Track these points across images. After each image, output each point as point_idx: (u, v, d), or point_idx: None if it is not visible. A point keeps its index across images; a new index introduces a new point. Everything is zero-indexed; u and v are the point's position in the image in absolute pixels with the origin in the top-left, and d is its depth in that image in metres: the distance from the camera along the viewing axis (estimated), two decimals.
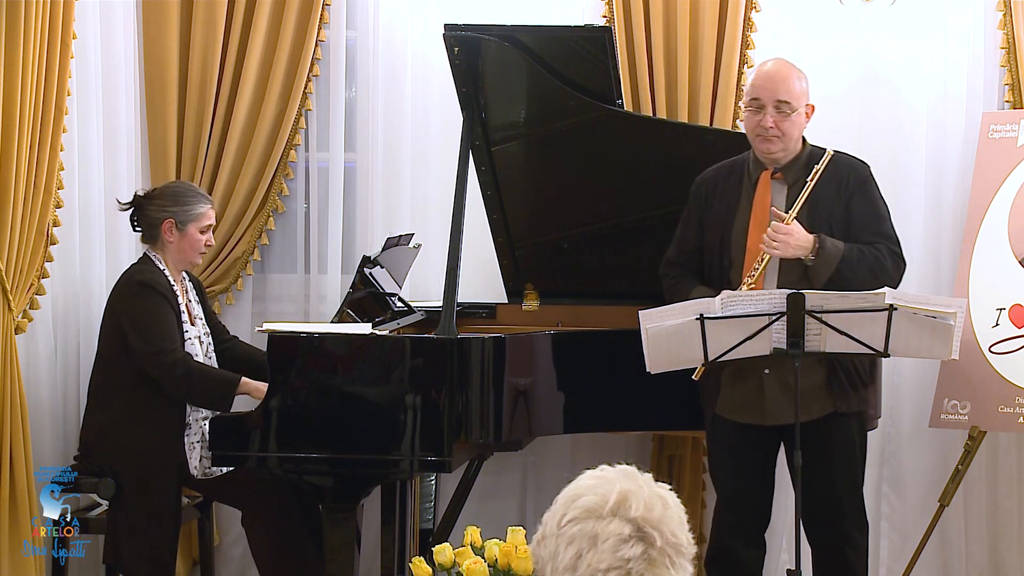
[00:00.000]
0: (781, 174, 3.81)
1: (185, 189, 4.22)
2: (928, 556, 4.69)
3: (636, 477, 1.78)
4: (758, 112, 3.75)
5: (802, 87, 3.80)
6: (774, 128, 3.74)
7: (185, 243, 4.12)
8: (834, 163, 3.79)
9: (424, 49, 4.85)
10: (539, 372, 3.96)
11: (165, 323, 4.02)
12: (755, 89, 3.78)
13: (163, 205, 4.12)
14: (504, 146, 4.45)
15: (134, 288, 4.04)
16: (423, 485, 4.62)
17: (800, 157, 3.81)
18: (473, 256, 4.48)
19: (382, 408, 3.76)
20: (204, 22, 4.74)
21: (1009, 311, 4.38)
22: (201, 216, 4.15)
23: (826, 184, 3.76)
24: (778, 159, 3.79)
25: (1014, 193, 4.48)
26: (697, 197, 3.93)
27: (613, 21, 4.71)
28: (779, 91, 3.74)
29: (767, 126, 3.74)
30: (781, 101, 3.74)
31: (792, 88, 3.76)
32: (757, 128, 3.77)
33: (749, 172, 3.85)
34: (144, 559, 3.99)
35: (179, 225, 4.11)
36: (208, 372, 4.08)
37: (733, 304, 3.50)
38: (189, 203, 4.13)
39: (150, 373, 3.98)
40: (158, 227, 4.11)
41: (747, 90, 3.85)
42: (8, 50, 4.00)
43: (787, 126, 3.75)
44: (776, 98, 3.74)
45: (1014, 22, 4.69)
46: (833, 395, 3.73)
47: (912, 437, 4.85)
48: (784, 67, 3.82)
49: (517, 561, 3.62)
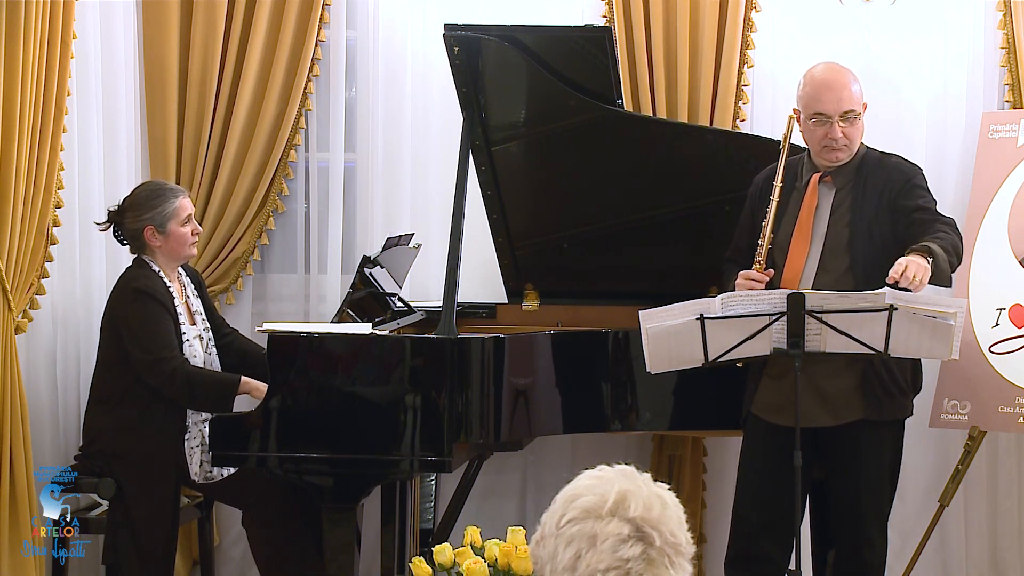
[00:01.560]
0: (831, 178, 3.78)
1: (152, 191, 4.15)
2: (928, 556, 4.69)
3: (635, 477, 1.78)
4: (824, 124, 3.70)
5: (859, 89, 3.75)
6: (844, 138, 3.71)
7: (172, 242, 4.10)
8: (884, 166, 3.77)
9: (424, 49, 4.85)
10: (539, 372, 3.96)
11: (162, 331, 4.00)
12: (818, 103, 3.70)
13: (138, 215, 4.08)
14: (504, 146, 4.45)
15: (130, 295, 4.03)
16: (423, 485, 4.62)
17: (853, 160, 3.77)
18: (473, 256, 4.48)
19: (382, 408, 3.76)
20: (204, 22, 4.73)
21: (1009, 311, 4.38)
22: (177, 211, 4.10)
23: (872, 187, 3.73)
24: (843, 162, 3.76)
25: (1014, 193, 4.48)
26: (753, 196, 3.92)
27: (613, 21, 4.71)
28: (844, 102, 3.69)
29: (837, 137, 3.69)
30: (848, 111, 3.70)
31: (854, 95, 3.72)
32: (825, 140, 3.71)
33: (801, 175, 3.82)
34: (142, 559, 3.98)
35: (159, 229, 4.08)
36: (208, 376, 4.07)
37: (733, 304, 3.49)
38: (159, 204, 4.08)
39: (150, 382, 3.98)
40: (141, 237, 4.09)
41: (805, 102, 3.74)
42: (8, 50, 4.00)
43: (853, 132, 3.73)
44: (842, 110, 3.69)
45: (1014, 22, 4.69)
46: (864, 401, 3.67)
47: (912, 437, 4.82)
48: (841, 74, 3.75)
49: (517, 561, 3.62)
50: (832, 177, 3.78)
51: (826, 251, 3.74)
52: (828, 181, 3.78)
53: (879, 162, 3.79)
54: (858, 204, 3.73)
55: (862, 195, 3.73)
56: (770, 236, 3.71)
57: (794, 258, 3.73)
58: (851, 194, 3.75)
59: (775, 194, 3.73)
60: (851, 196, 3.74)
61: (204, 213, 4.76)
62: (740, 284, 3.70)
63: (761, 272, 3.70)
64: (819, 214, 3.77)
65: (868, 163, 3.78)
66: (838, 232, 3.74)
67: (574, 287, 4.64)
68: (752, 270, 3.71)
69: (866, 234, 3.71)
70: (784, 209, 3.77)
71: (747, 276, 3.71)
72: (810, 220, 3.75)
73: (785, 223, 3.77)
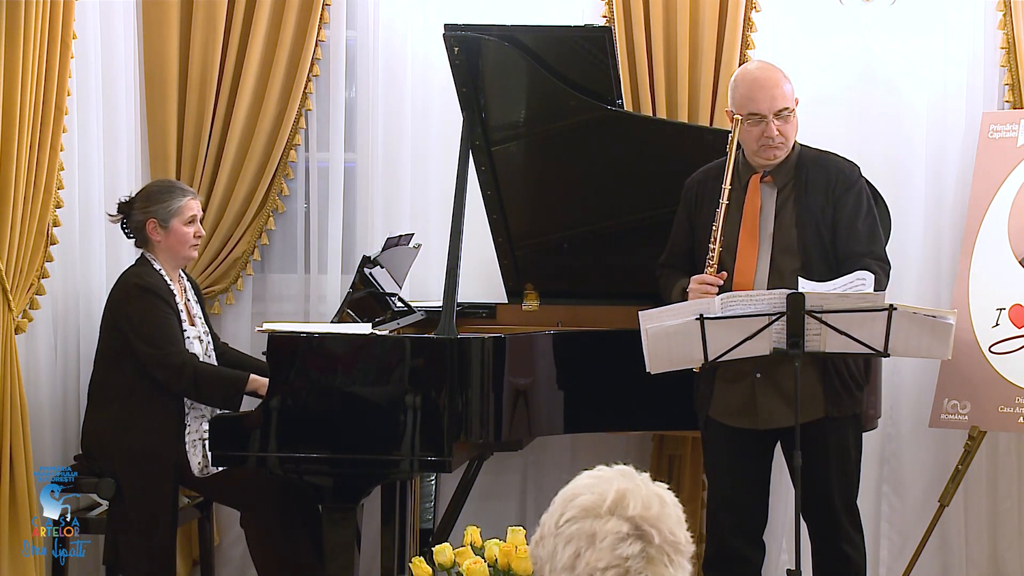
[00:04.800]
0: (771, 177, 3.79)
1: (162, 186, 4.21)
2: (928, 556, 4.69)
3: (634, 476, 1.78)
4: (759, 123, 3.71)
5: (791, 85, 3.77)
6: (779, 136, 3.73)
7: (173, 239, 4.11)
8: (823, 164, 3.79)
9: (424, 49, 4.85)
10: (539, 372, 3.96)
11: (168, 325, 4.02)
12: (751, 103, 3.72)
13: (143, 207, 4.11)
14: (504, 146, 4.45)
15: (133, 292, 4.04)
16: (423, 485, 4.62)
17: (789, 159, 3.80)
18: (473, 256, 4.48)
19: (382, 408, 3.76)
20: (204, 22, 4.73)
21: (1009, 311, 4.38)
22: (182, 209, 4.12)
23: (814, 186, 3.75)
24: (780, 161, 3.78)
25: (1014, 193, 4.48)
26: (687, 200, 3.92)
27: (613, 21, 4.71)
28: (777, 100, 3.71)
29: (773, 135, 3.71)
30: (782, 109, 3.72)
31: (786, 92, 3.74)
32: (762, 139, 3.72)
33: (739, 176, 3.81)
34: (143, 559, 3.99)
35: (162, 223, 4.10)
36: (216, 372, 4.09)
37: (733, 304, 3.50)
38: (166, 199, 4.11)
39: (156, 376, 3.98)
40: (143, 230, 4.11)
41: (738, 102, 3.75)
42: (8, 50, 4.00)
43: (788, 129, 3.74)
44: (776, 108, 3.70)
45: (1014, 22, 4.69)
46: (826, 399, 3.71)
47: (912, 437, 4.85)
48: (771, 72, 3.77)
49: (517, 561, 3.62)
50: (772, 176, 3.79)
51: (776, 251, 3.75)
52: (769, 181, 3.79)
53: (817, 160, 3.80)
54: (803, 203, 3.74)
55: (805, 194, 3.75)
56: (720, 239, 3.71)
57: (744, 260, 3.74)
58: (794, 192, 3.76)
59: (724, 196, 3.71)
60: (794, 195, 3.76)
61: (204, 213, 4.75)
62: (694, 289, 3.69)
63: (715, 275, 3.69)
64: (764, 214, 3.77)
65: (806, 161, 3.79)
66: (786, 232, 3.75)
67: (574, 287, 4.64)
68: (705, 274, 3.70)
69: (814, 233, 3.72)
70: (727, 211, 3.77)
71: (701, 280, 3.69)
72: (756, 221, 3.76)
73: (729, 225, 3.75)
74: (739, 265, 3.74)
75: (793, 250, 3.74)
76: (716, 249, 3.70)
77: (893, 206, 4.25)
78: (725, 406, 3.78)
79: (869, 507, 4.65)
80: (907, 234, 4.73)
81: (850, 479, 3.81)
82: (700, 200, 3.85)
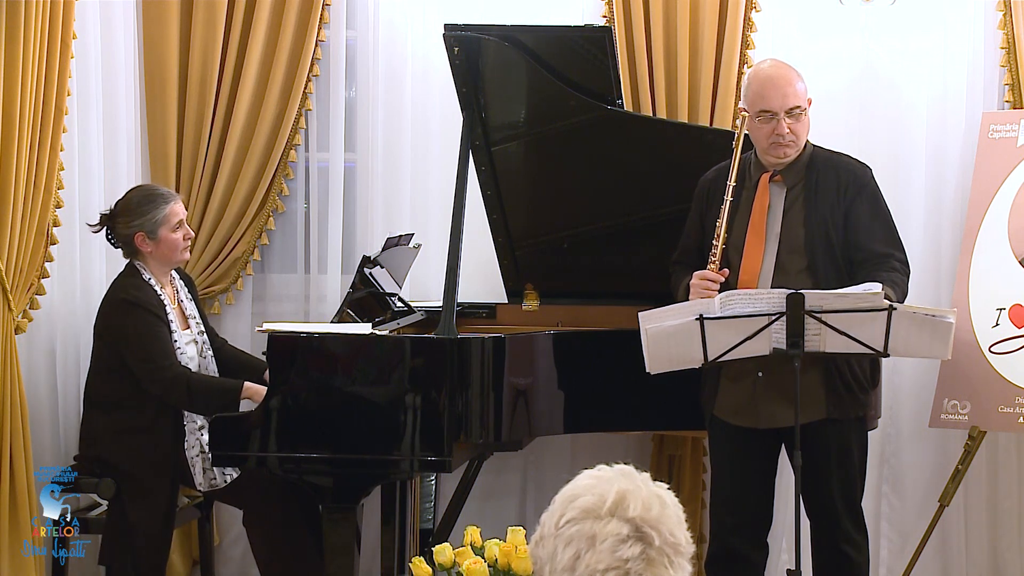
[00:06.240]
0: (781, 176, 3.80)
1: (142, 196, 4.11)
2: (928, 556, 4.69)
3: (634, 477, 1.78)
4: (770, 121, 3.71)
5: (804, 85, 3.77)
6: (790, 134, 3.73)
7: (163, 247, 4.08)
8: (834, 165, 3.79)
9: (424, 49, 4.85)
10: (539, 372, 3.96)
11: (159, 340, 3.99)
12: (763, 100, 3.72)
13: (128, 221, 4.06)
14: (504, 146, 4.45)
15: (122, 307, 4.01)
16: (423, 485, 4.62)
17: (801, 158, 3.80)
18: (473, 256, 4.48)
19: (382, 408, 3.76)
20: (204, 22, 4.73)
21: (1009, 311, 4.38)
22: (168, 217, 4.07)
23: (825, 186, 3.75)
24: (790, 160, 3.78)
25: (1014, 193, 4.48)
26: (699, 198, 3.92)
27: (613, 21, 4.70)
28: (789, 98, 3.71)
29: (784, 133, 3.71)
30: (794, 107, 3.72)
31: (799, 91, 3.74)
32: (772, 137, 3.72)
33: (750, 174, 3.83)
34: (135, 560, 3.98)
35: (150, 235, 4.05)
36: (210, 383, 4.07)
37: (732, 303, 3.50)
38: (149, 210, 4.05)
39: (151, 390, 3.97)
40: (132, 243, 4.08)
41: (750, 100, 3.75)
42: (8, 50, 4.00)
43: (799, 128, 3.74)
44: (788, 106, 3.71)
45: (1014, 22, 4.69)
46: (828, 400, 3.70)
47: (912, 437, 4.85)
48: (784, 71, 3.78)
49: (517, 561, 3.62)
50: (782, 176, 3.79)
51: (782, 250, 3.75)
52: (779, 180, 3.79)
53: (829, 161, 3.81)
54: (812, 203, 3.74)
55: (815, 194, 3.75)
56: (724, 236, 3.71)
57: (750, 258, 3.74)
58: (803, 193, 3.76)
59: (729, 193, 3.73)
60: (803, 195, 3.76)
61: (204, 213, 4.76)
62: (695, 284, 3.70)
63: (716, 272, 3.70)
64: (772, 213, 3.77)
65: (817, 161, 3.79)
66: (793, 232, 3.75)
67: (574, 287, 4.64)
68: (707, 270, 3.70)
69: (822, 233, 3.72)
70: (735, 209, 3.77)
71: (703, 276, 3.70)
72: (763, 219, 3.75)
73: (738, 223, 3.76)
74: (745, 263, 3.74)
75: (800, 250, 3.73)
76: (719, 246, 3.70)
77: (893, 206, 4.22)
78: (728, 404, 3.79)
79: (869, 507, 4.64)
80: (907, 234, 4.69)
81: (852, 481, 3.80)
82: (711, 198, 3.85)
